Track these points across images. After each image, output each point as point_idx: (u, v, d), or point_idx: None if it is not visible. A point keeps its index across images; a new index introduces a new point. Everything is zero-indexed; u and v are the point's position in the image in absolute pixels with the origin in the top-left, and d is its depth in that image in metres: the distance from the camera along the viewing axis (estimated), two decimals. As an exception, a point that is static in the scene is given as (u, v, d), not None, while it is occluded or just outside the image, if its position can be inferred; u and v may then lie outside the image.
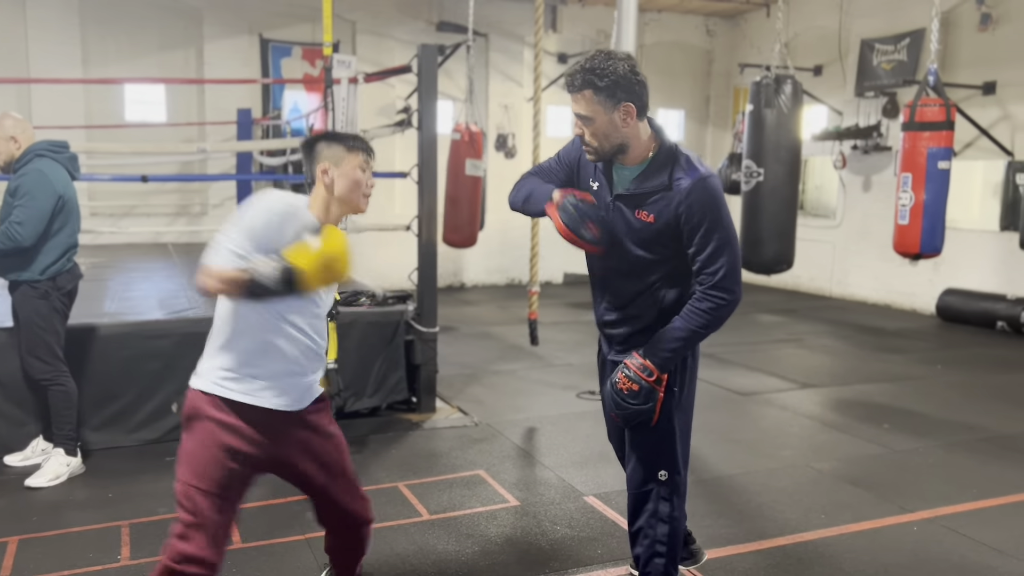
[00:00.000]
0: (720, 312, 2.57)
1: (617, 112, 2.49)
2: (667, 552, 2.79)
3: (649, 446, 2.75)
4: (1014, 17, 9.11)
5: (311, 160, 2.50)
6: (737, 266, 2.57)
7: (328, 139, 2.53)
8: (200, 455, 2.38)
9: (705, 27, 13.13)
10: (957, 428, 5.36)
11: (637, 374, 2.62)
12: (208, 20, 10.46)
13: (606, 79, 2.45)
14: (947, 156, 6.43)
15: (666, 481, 2.75)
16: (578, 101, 2.51)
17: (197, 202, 10.73)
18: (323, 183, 2.46)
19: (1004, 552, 3.55)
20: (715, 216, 2.52)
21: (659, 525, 2.77)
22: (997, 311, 8.84)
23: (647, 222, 2.58)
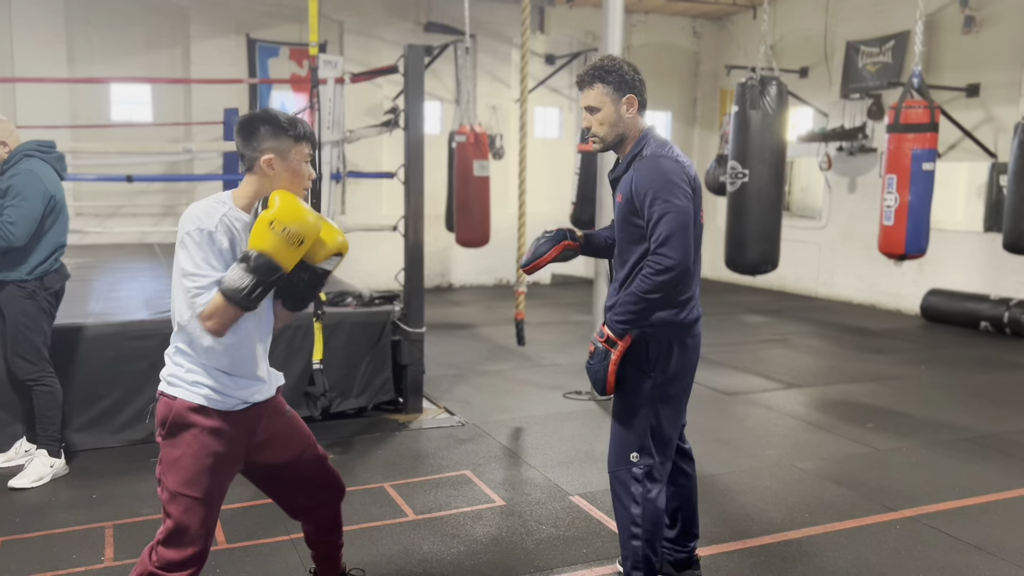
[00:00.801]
0: (662, 277, 2.67)
1: (622, 103, 2.81)
2: (642, 535, 2.85)
3: (623, 428, 2.89)
4: (998, 20, 9.19)
5: (251, 146, 2.39)
6: (680, 232, 2.67)
7: (272, 124, 2.38)
8: (189, 464, 2.37)
9: (692, 29, 13.19)
10: (940, 427, 5.41)
11: (595, 337, 2.83)
12: (195, 20, 10.43)
13: (613, 74, 2.80)
14: (931, 158, 6.49)
15: (638, 462, 2.85)
16: (587, 95, 2.84)
17: (184, 202, 10.67)
18: (266, 174, 2.39)
19: (984, 550, 3.59)
20: (657, 188, 2.71)
21: (632, 506, 2.86)
22: (981, 311, 8.91)
23: (619, 203, 2.87)
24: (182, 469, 2.37)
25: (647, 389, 2.83)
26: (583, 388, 6.12)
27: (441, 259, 11.88)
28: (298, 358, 5.04)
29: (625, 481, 2.88)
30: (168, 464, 2.39)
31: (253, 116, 2.42)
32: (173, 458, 2.38)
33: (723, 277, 12.66)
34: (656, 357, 2.81)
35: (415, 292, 5.46)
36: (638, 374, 2.83)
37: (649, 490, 2.85)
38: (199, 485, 2.37)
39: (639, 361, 2.82)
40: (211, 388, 2.38)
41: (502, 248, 11.52)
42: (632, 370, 2.83)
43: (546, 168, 12.21)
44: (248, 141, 2.39)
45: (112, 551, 3.45)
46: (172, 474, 2.38)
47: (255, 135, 2.38)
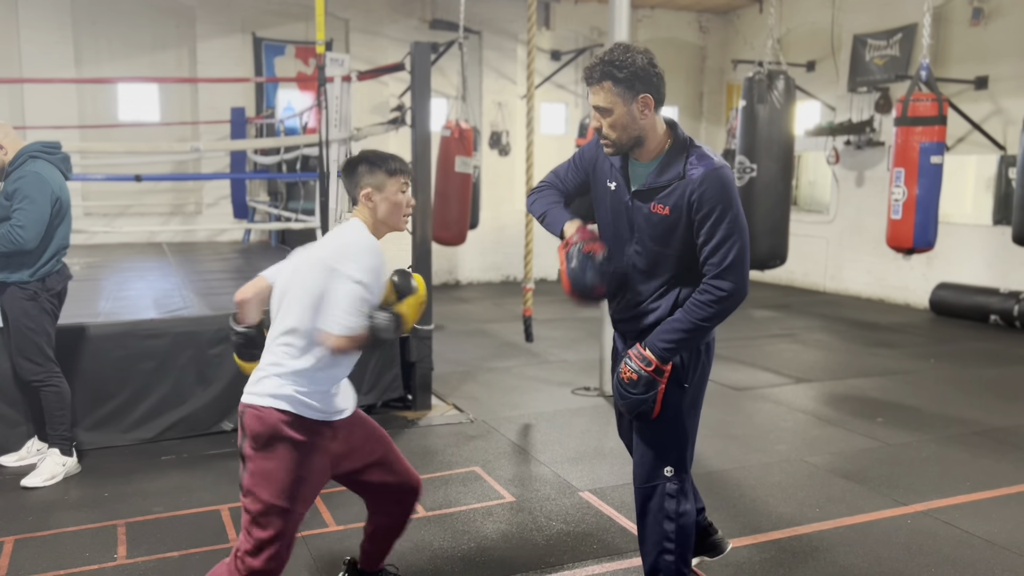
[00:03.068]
0: (721, 305, 2.54)
1: (636, 104, 2.51)
2: (676, 550, 2.74)
3: (656, 441, 2.72)
4: (1006, 12, 9.14)
5: (353, 183, 2.65)
6: (743, 259, 2.53)
7: (369, 163, 2.63)
8: (283, 476, 2.48)
9: (698, 23, 13.15)
10: (950, 422, 5.39)
11: (637, 364, 2.62)
12: (201, 19, 10.45)
13: (625, 70, 2.47)
14: (939, 151, 6.47)
15: (672, 477, 2.71)
16: (597, 93, 2.53)
17: (192, 201, 10.73)
18: (367, 208, 2.62)
19: (996, 544, 3.58)
20: (725, 206, 2.50)
21: (666, 522, 2.73)
22: (990, 305, 8.87)
23: (663, 215, 2.58)
24: (275, 481, 2.47)
25: (682, 400, 2.71)
26: (591, 384, 6.12)
27: (448, 256, 11.88)
28: (307, 356, 5.05)
29: (658, 497, 2.73)
30: (260, 476, 2.48)
31: (353, 158, 2.70)
32: (266, 470, 2.48)
33: (731, 272, 12.63)
34: (688, 365, 2.70)
35: (423, 289, 5.45)
36: (674, 387, 2.68)
37: (681, 504, 2.73)
38: (292, 497, 2.49)
39: (673, 373, 2.66)
40: (310, 401, 2.51)
41: (509, 245, 11.54)
42: (671, 384, 2.67)
43: (552, 164, 12.09)
44: (350, 179, 2.66)
45: (124, 549, 3.46)
46: (264, 486, 2.47)
47: (355, 174, 2.64)
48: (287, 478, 2.47)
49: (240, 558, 2.50)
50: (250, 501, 2.49)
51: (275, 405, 2.48)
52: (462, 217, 8.31)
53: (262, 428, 2.47)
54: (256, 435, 2.48)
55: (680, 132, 2.64)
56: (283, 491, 2.47)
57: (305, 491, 2.53)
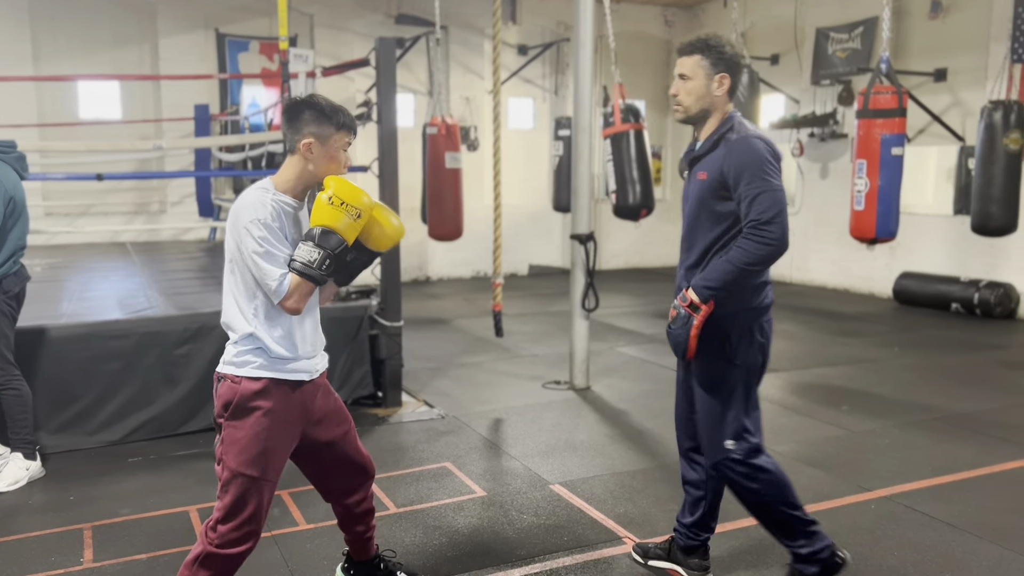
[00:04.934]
0: (761, 250, 2.68)
1: (714, 79, 2.84)
2: (772, 501, 2.89)
3: (714, 419, 2.89)
4: (963, 5, 9.30)
5: (294, 129, 2.51)
6: (781, 211, 2.70)
7: (316, 110, 2.50)
8: (252, 445, 2.48)
9: (664, 17, 13.22)
10: (913, 408, 5.50)
11: (678, 302, 2.83)
12: (163, 15, 10.30)
13: (715, 50, 2.84)
14: (900, 142, 6.56)
15: (735, 448, 2.87)
16: (684, 63, 2.87)
17: (156, 200, 10.58)
18: (304, 157, 2.51)
19: (957, 527, 3.66)
20: (756, 168, 2.72)
21: (746, 493, 2.91)
22: (951, 293, 9.05)
23: (702, 180, 2.86)
24: (243, 450, 2.48)
25: (733, 377, 2.86)
26: (562, 378, 6.15)
27: (418, 252, 11.85)
28: (275, 354, 5.02)
29: (731, 468, 2.89)
30: (229, 444, 2.49)
31: (298, 100, 2.54)
32: (235, 439, 2.49)
33: (699, 264, 12.75)
34: (738, 344, 2.84)
35: (392, 286, 5.45)
36: (724, 364, 2.85)
37: (757, 464, 2.88)
38: (259, 464, 2.48)
39: (723, 351, 2.84)
40: (275, 368, 2.50)
41: (479, 240, 11.51)
42: (717, 361, 2.85)
43: (520, 159, 12.21)
44: (292, 124, 2.51)
45: (91, 552, 3.42)
46: (233, 454, 2.48)
47: (299, 119, 2.50)
48: (256, 447, 2.48)
49: (211, 527, 2.50)
50: (221, 468, 2.50)
51: (242, 373, 2.49)
52: (456, 212, 8.38)
53: (231, 396, 2.49)
54: (226, 403, 2.50)
55: (735, 115, 2.90)
56: (252, 459, 2.48)
57: (274, 460, 2.53)
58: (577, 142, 5.81)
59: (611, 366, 6.68)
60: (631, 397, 5.79)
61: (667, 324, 2.91)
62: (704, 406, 2.93)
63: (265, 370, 2.50)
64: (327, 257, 2.42)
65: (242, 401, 2.48)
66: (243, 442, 2.48)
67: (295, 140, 2.51)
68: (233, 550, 2.49)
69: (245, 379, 2.49)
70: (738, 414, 2.88)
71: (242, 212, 2.45)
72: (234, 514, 2.48)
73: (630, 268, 13.17)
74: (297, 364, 2.56)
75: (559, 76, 12.51)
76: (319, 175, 2.53)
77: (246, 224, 2.42)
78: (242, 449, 2.48)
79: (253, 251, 2.42)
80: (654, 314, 9.25)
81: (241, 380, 2.49)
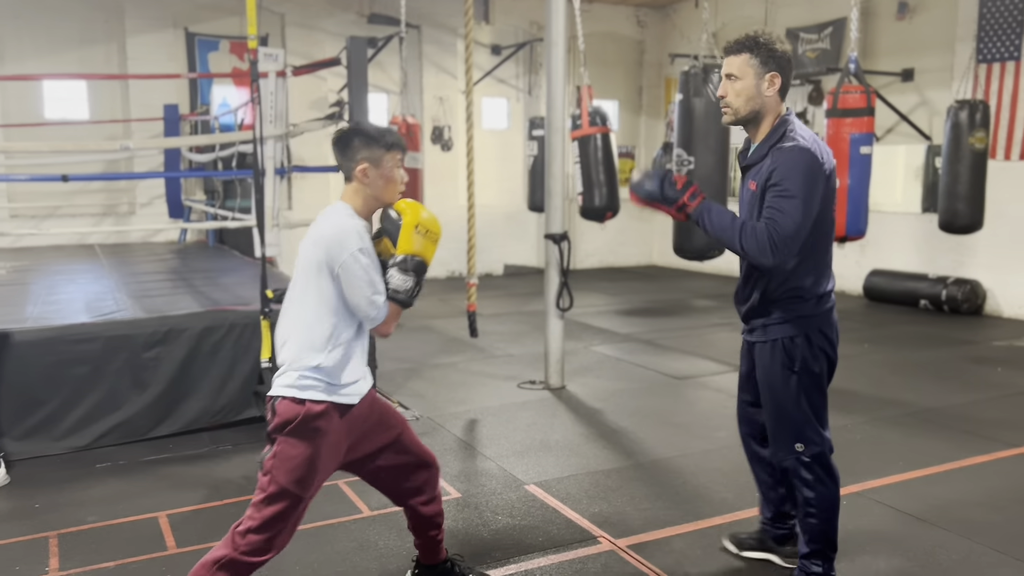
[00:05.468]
0: (749, 239, 2.66)
1: (764, 79, 2.74)
2: (818, 514, 2.94)
3: (781, 423, 2.94)
4: (930, 6, 9.43)
5: (347, 157, 2.61)
6: (788, 225, 2.63)
7: (365, 137, 2.60)
8: (302, 464, 2.54)
9: (636, 17, 13.28)
10: (884, 404, 5.56)
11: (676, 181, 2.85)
12: (130, 14, 10.16)
13: (764, 48, 2.72)
14: (869, 141, 6.64)
15: (803, 452, 2.91)
16: (731, 63, 2.76)
17: (125, 201, 10.43)
18: (361, 183, 2.61)
19: (926, 521, 3.70)
20: (790, 176, 2.65)
21: (805, 490, 2.94)
22: (920, 290, 9.17)
23: (752, 190, 2.80)
24: (295, 469, 2.54)
25: (795, 383, 2.88)
26: (537, 378, 6.14)
27: (392, 253, 11.80)
28: (247, 357, 4.96)
29: (796, 469, 2.95)
30: (283, 460, 2.54)
31: (347, 130, 2.65)
32: (289, 456, 2.54)
33: (672, 263, 12.82)
34: (796, 353, 2.86)
35: (365, 287, 5.41)
36: (786, 372, 2.88)
37: (818, 474, 2.93)
38: (305, 485, 2.56)
39: (785, 359, 2.87)
40: (333, 392, 2.58)
41: (453, 240, 11.42)
42: (780, 368, 2.89)
43: (495, 159, 12.20)
44: (345, 153, 2.62)
45: (57, 561, 3.36)
46: (284, 471, 2.54)
47: (350, 147, 2.61)
48: (307, 468, 2.55)
49: (240, 533, 2.54)
50: (268, 480, 2.55)
51: (305, 396, 2.55)
52: None
53: (293, 415, 2.55)
54: (287, 421, 2.55)
55: (789, 118, 2.79)
56: (301, 479, 2.55)
57: (318, 480, 2.62)
58: (550, 142, 5.81)
59: (586, 365, 6.69)
60: (606, 396, 5.80)
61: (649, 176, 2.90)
62: (769, 408, 2.98)
63: (326, 394, 2.57)
64: (418, 284, 2.58)
65: (304, 422, 2.55)
66: (296, 461, 2.54)
67: (350, 168, 2.61)
68: (258, 558, 2.54)
69: (309, 401, 2.55)
70: (804, 420, 2.91)
71: (345, 240, 2.51)
72: (270, 527, 2.54)
73: (605, 267, 13.21)
74: (352, 388, 2.64)
75: (532, 76, 12.52)
76: (381, 197, 2.64)
77: (353, 252, 2.50)
78: (294, 468, 2.54)
79: (356, 279, 2.51)
80: (629, 312, 9.29)
81: (304, 402, 2.55)
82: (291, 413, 2.55)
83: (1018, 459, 4.51)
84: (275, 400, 2.60)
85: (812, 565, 3.00)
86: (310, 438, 2.56)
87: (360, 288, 2.52)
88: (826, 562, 3.00)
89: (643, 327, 8.38)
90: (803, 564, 3.03)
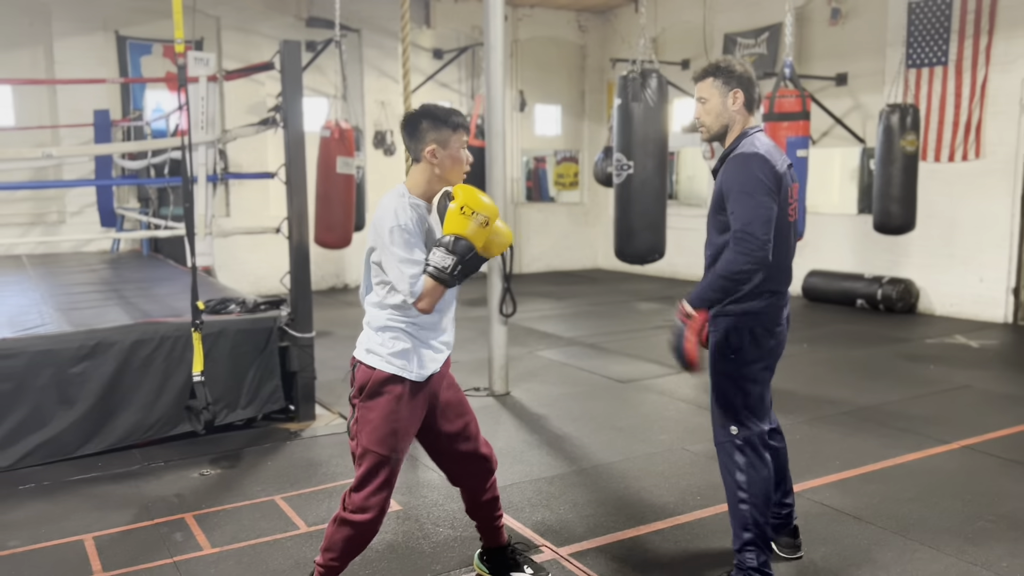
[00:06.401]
0: (741, 260, 2.84)
1: (728, 96, 3.05)
2: (750, 499, 3.06)
3: (719, 405, 3.16)
4: (862, 11, 9.67)
5: (416, 139, 2.71)
6: (756, 217, 2.85)
7: (432, 118, 2.70)
8: (380, 425, 2.72)
9: (577, 22, 13.35)
10: (821, 403, 5.65)
11: (676, 315, 3.00)
12: (57, 16, 9.84)
13: (724, 71, 3.05)
14: (805, 145, 6.77)
15: (737, 435, 3.09)
16: (700, 88, 3.10)
17: (54, 210, 10.08)
18: (430, 163, 2.71)
19: (862, 519, 3.76)
20: (741, 181, 2.91)
21: (737, 473, 3.09)
22: (856, 290, 9.38)
23: (716, 192, 3.07)
24: (375, 430, 2.73)
25: (732, 369, 3.08)
26: (481, 384, 6.09)
27: (334, 259, 11.63)
28: (179, 370, 4.82)
29: (729, 452, 3.12)
30: (363, 423, 2.75)
31: (415, 113, 2.75)
32: (367, 419, 2.75)
33: (616, 266, 12.90)
34: (738, 344, 3.05)
35: (302, 295, 5.30)
36: (727, 360, 3.09)
37: (750, 458, 3.08)
38: (388, 444, 2.74)
39: (727, 348, 3.08)
40: (407, 360, 2.75)
41: (397, 246, 11.36)
42: (723, 356, 3.10)
43: (438, 164, 12.12)
44: (413, 135, 2.72)
45: (-27, 590, 3.20)
46: (366, 433, 2.74)
47: (418, 129, 2.71)
48: (385, 427, 2.73)
49: (347, 493, 2.79)
50: (355, 444, 2.78)
51: (374, 363, 2.73)
52: (346, 219, 8.09)
53: (365, 381, 2.75)
54: (361, 386, 2.76)
55: (749, 131, 3.07)
56: (382, 439, 2.73)
57: (402, 441, 2.78)
58: (491, 146, 5.78)
59: (531, 370, 6.66)
60: (550, 401, 5.78)
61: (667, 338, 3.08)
62: (712, 392, 3.20)
63: (396, 361, 2.73)
64: (459, 263, 2.65)
65: (375, 385, 2.72)
66: (375, 422, 2.73)
67: (419, 149, 2.71)
68: (361, 517, 2.74)
69: (378, 371, 2.73)
70: (739, 405, 3.09)
71: (385, 218, 2.66)
72: (364, 484, 2.74)
73: (551, 271, 13.23)
74: (427, 363, 2.81)
75: (475, 80, 12.48)
76: (446, 177, 2.75)
77: (389, 228, 2.64)
78: (374, 429, 2.73)
79: (391, 255, 2.64)
80: (574, 316, 9.30)
81: (374, 368, 2.73)
82: (363, 378, 2.76)
83: (949, 455, 4.62)
84: (355, 365, 2.81)
85: (748, 558, 3.06)
86: (383, 399, 2.73)
87: (393, 263, 2.64)
88: (762, 553, 3.07)
89: (588, 330, 8.39)
90: (740, 558, 3.08)
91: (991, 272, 8.62)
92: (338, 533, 2.81)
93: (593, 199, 13.77)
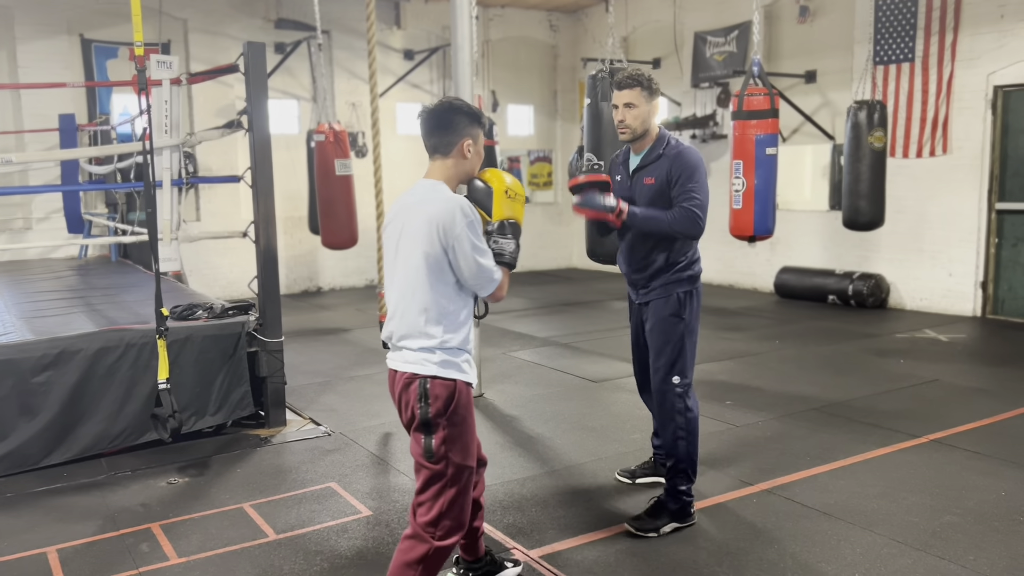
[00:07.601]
0: (685, 222, 3.54)
1: (651, 104, 3.65)
2: (687, 437, 3.67)
3: (665, 359, 3.67)
4: (829, 9, 9.75)
5: (452, 131, 2.73)
6: (704, 205, 3.57)
7: (468, 115, 2.75)
8: (467, 439, 2.71)
9: (548, 22, 13.35)
10: (792, 400, 5.68)
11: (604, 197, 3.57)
12: (20, 19, 9.66)
13: (648, 82, 3.63)
14: (774, 142, 6.79)
15: (679, 384, 3.66)
16: (627, 94, 3.61)
17: (19, 216, 9.90)
18: (464, 156, 2.76)
19: (831, 515, 3.78)
20: (689, 172, 3.57)
21: (677, 417, 3.67)
22: (827, 286, 9.46)
23: (650, 184, 3.64)
24: (466, 446, 2.70)
25: (682, 329, 3.66)
26: (453, 386, 6.05)
27: (307, 262, 11.56)
28: (145, 378, 4.75)
29: (672, 399, 3.67)
30: (453, 441, 2.66)
31: (448, 108, 2.75)
32: (456, 436, 2.67)
33: (590, 266, 12.91)
34: (683, 304, 3.67)
35: (270, 300, 5.25)
36: (674, 319, 3.67)
37: (688, 405, 3.68)
38: (472, 454, 2.74)
39: (677, 308, 3.66)
40: (470, 365, 2.75)
41: (370, 248, 11.29)
42: (671, 316, 3.67)
43: (411, 164, 12.04)
44: (448, 128, 2.73)
45: (-69, 608, 3.13)
46: (458, 450, 2.67)
47: (453, 122, 2.73)
48: (469, 440, 2.72)
49: (430, 523, 2.65)
50: (443, 466, 2.66)
51: (455, 376, 2.67)
52: (350, 220, 8.32)
53: (448, 394, 2.65)
54: (447, 403, 2.65)
55: (664, 131, 3.71)
56: (469, 452, 2.72)
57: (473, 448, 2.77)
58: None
59: (504, 371, 6.65)
60: (523, 403, 5.76)
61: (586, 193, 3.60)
62: (657, 347, 3.70)
63: (460, 371, 2.70)
64: (518, 246, 2.78)
65: (460, 400, 2.68)
66: (464, 438, 2.70)
67: (454, 142, 2.73)
68: (451, 540, 2.69)
69: (460, 381, 2.69)
70: (684, 359, 3.67)
71: (453, 216, 2.60)
72: (455, 506, 2.68)
73: (525, 271, 13.21)
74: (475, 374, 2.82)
75: (446, 81, 12.44)
76: (471, 172, 2.82)
77: (464, 227, 2.61)
78: (465, 445, 2.70)
79: (470, 249, 2.63)
80: (548, 315, 9.30)
81: (455, 381, 2.67)
82: (446, 392, 2.65)
83: (916, 449, 4.66)
84: (415, 383, 2.65)
85: (679, 483, 3.66)
86: (464, 413, 2.70)
87: (472, 258, 2.63)
88: (689, 482, 3.68)
89: (562, 330, 8.39)
90: (672, 483, 3.68)
91: (959, 267, 8.73)
92: (430, 562, 2.66)
93: (567, 199, 13.77)
